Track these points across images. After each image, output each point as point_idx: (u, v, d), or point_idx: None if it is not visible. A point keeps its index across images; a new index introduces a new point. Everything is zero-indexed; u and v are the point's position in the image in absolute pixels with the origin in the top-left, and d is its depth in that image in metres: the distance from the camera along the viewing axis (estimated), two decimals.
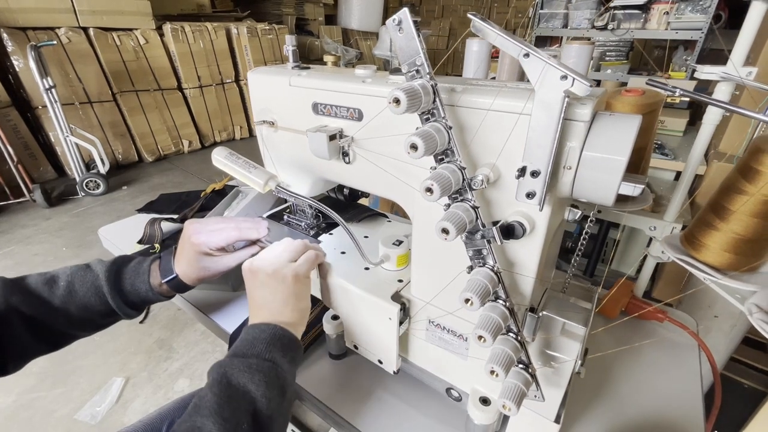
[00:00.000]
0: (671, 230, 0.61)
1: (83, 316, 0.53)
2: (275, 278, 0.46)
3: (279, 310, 0.46)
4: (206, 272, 0.57)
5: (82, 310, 0.53)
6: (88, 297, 0.53)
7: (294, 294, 0.47)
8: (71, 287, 0.53)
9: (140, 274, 0.56)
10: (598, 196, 0.31)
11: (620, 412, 0.53)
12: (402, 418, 0.53)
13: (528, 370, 0.37)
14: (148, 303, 0.58)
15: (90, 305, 0.53)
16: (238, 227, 0.57)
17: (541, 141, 0.29)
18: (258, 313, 0.46)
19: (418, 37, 0.30)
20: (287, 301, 0.46)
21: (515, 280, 0.38)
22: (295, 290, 0.47)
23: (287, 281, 0.47)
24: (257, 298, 0.47)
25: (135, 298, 0.56)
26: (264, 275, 0.47)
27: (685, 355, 0.63)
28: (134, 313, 0.57)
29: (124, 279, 0.56)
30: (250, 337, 0.43)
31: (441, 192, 0.30)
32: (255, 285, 0.47)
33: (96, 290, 0.54)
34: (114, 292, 0.54)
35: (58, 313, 0.51)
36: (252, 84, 0.52)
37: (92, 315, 0.54)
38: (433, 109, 0.32)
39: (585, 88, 0.26)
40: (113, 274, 0.55)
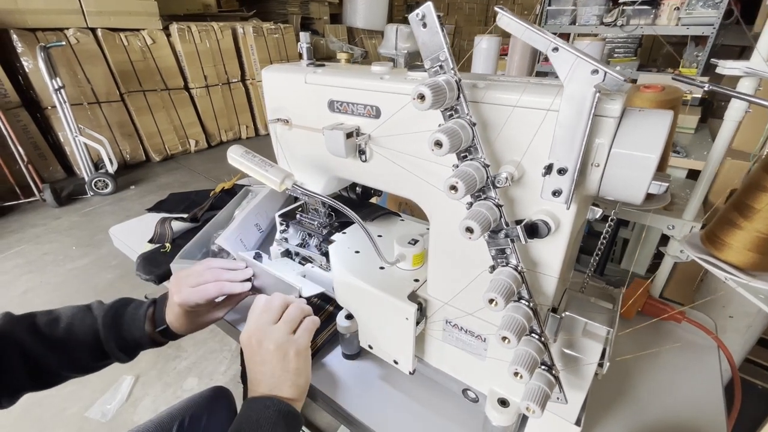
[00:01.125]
0: (690, 229, 0.60)
1: (77, 358, 0.54)
2: (277, 355, 0.46)
3: (280, 387, 0.46)
4: (195, 326, 0.59)
5: (78, 352, 0.54)
6: (85, 339, 0.54)
7: (296, 370, 0.46)
8: (71, 328, 0.54)
9: (136, 320, 0.57)
10: (627, 194, 0.31)
11: (640, 414, 0.52)
12: (417, 419, 0.52)
13: (551, 372, 0.36)
14: (141, 349, 0.58)
15: (85, 347, 0.54)
16: (219, 283, 0.57)
17: (570, 137, 0.29)
18: (258, 387, 0.46)
19: (442, 32, 0.30)
20: (289, 378, 0.46)
21: (537, 280, 0.37)
22: (297, 366, 0.47)
23: (289, 357, 0.46)
24: (256, 373, 0.46)
25: (127, 344, 0.56)
26: (265, 352, 0.46)
27: (704, 356, 0.62)
28: (126, 358, 0.57)
29: (121, 324, 0.56)
30: (254, 414, 0.43)
31: (466, 190, 0.30)
32: (255, 360, 0.47)
33: (93, 333, 0.55)
34: (110, 336, 0.54)
35: (53, 353, 0.52)
36: (266, 82, 0.51)
37: (86, 357, 0.55)
38: (457, 106, 0.31)
39: (619, 82, 0.25)
40: (110, 319, 0.56)
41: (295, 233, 0.67)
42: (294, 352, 0.47)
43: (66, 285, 1.98)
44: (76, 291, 1.95)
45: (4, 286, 1.97)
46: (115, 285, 1.99)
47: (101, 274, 2.07)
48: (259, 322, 0.48)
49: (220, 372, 1.56)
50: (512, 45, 1.54)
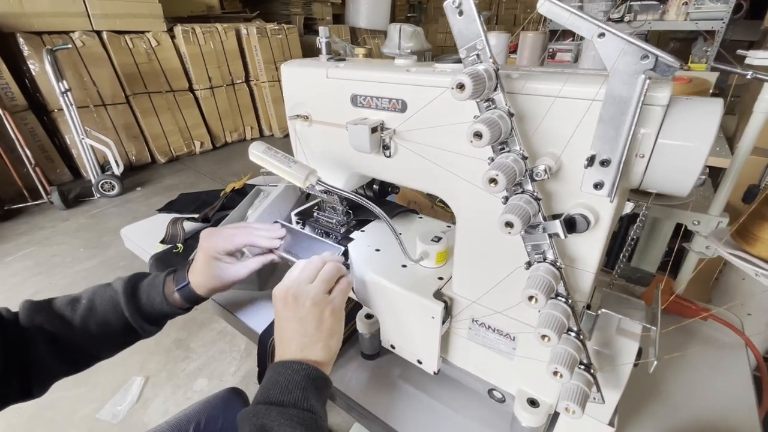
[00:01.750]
0: (717, 224, 0.59)
1: (103, 333, 0.53)
2: (312, 313, 0.44)
3: (312, 347, 0.44)
4: (217, 281, 0.57)
5: (102, 327, 0.53)
6: (107, 313, 0.53)
7: (329, 331, 0.45)
8: (92, 304, 0.54)
9: (155, 286, 0.56)
10: (673, 186, 0.29)
11: (672, 414, 0.51)
12: (441, 420, 0.51)
13: (590, 371, 0.35)
14: (165, 317, 0.57)
15: (109, 321, 0.53)
16: (250, 232, 0.57)
17: (615, 127, 0.28)
18: (288, 347, 0.44)
19: (480, 20, 0.28)
20: (321, 338, 0.44)
21: (573, 277, 0.36)
22: (331, 326, 0.45)
23: (324, 316, 0.44)
24: (288, 330, 0.44)
25: (150, 311, 0.55)
26: (301, 308, 0.44)
27: (732, 354, 0.60)
28: (151, 329, 0.57)
29: (140, 292, 0.56)
30: (283, 379, 0.41)
31: (506, 183, 0.28)
32: (288, 316, 0.45)
33: (114, 305, 0.54)
34: (130, 305, 0.54)
35: (79, 332, 0.51)
36: (285, 78, 0.51)
37: (112, 332, 0.54)
38: (494, 96, 0.30)
39: (674, 66, 0.24)
40: (130, 288, 0.55)
41: (312, 232, 0.66)
42: (329, 312, 0.45)
43: (75, 286, 1.98)
44: None
45: (14, 288, 1.97)
46: None
47: (109, 275, 2.07)
48: (298, 279, 0.46)
49: (230, 373, 1.55)
50: (522, 41, 1.53)
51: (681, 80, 0.52)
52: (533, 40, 1.36)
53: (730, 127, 1.79)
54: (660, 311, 0.36)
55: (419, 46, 5.11)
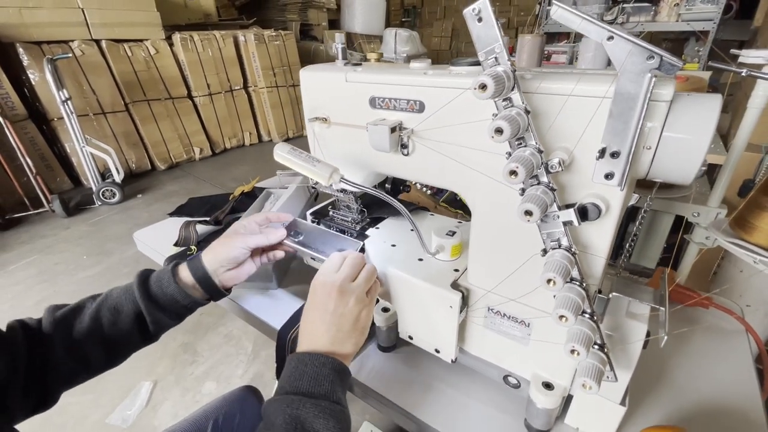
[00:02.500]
0: (716, 215, 0.62)
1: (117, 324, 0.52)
2: (353, 311, 0.45)
3: (344, 342, 0.45)
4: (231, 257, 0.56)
5: (115, 314, 0.52)
6: (121, 300, 0.53)
7: (362, 329, 0.46)
8: (108, 294, 0.54)
9: (165, 271, 0.56)
10: (677, 175, 0.32)
11: (679, 397, 0.53)
12: (458, 407, 0.53)
13: (603, 350, 0.37)
14: (179, 305, 0.56)
15: (122, 309, 0.53)
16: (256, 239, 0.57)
17: (623, 122, 0.30)
18: (319, 339, 0.45)
19: (497, 26, 0.31)
20: (354, 334, 0.45)
21: (586, 262, 0.39)
22: (364, 325, 0.47)
23: (362, 315, 0.46)
24: (324, 322, 0.45)
25: (163, 299, 0.54)
26: (345, 305, 0.45)
27: (734, 339, 0.63)
28: (165, 320, 0.55)
29: (151, 282, 0.56)
30: (311, 370, 0.42)
31: (525, 174, 0.31)
32: (328, 309, 0.45)
33: (128, 293, 0.54)
34: (143, 294, 0.54)
35: (94, 324, 0.51)
36: (304, 82, 0.53)
37: (125, 322, 0.53)
38: (511, 95, 0.33)
39: (677, 65, 0.27)
40: (142, 276, 0.56)
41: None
42: (366, 312, 0.47)
43: (79, 294, 1.97)
44: None
45: (18, 296, 1.98)
46: None
47: (114, 282, 2.08)
48: (343, 275, 0.47)
49: (237, 375, 1.56)
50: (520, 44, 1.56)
51: (679, 79, 0.55)
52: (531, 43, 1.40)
53: (723, 125, 1.83)
54: (668, 291, 0.39)
55: (415, 50, 5.15)
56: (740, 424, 0.50)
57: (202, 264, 0.56)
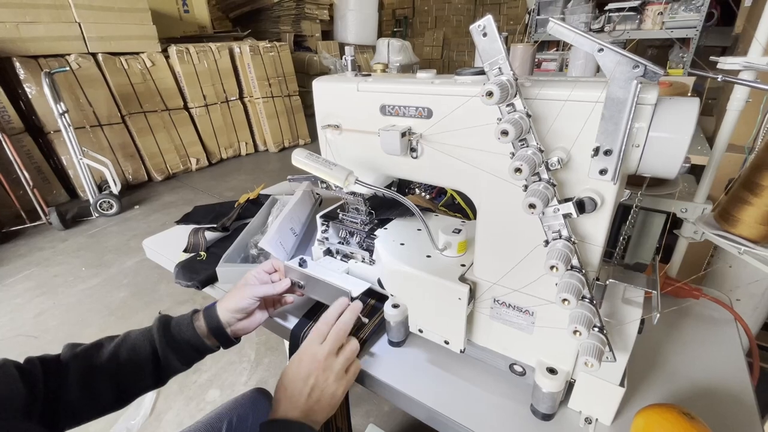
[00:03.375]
0: (702, 211, 0.66)
1: (132, 363, 0.55)
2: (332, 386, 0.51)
3: (316, 413, 0.50)
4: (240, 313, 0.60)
5: (131, 353, 0.55)
6: (139, 342, 0.56)
7: (335, 405, 0.52)
8: (126, 335, 0.57)
9: (184, 317, 0.60)
10: (664, 170, 0.36)
11: (673, 381, 0.57)
12: (466, 395, 0.56)
13: (603, 332, 0.41)
14: (193, 350, 0.59)
15: (139, 350, 0.55)
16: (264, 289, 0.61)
17: (615, 123, 0.34)
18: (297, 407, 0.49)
19: (501, 40, 0.35)
20: (328, 408, 0.51)
21: (584, 252, 0.42)
22: (338, 401, 0.52)
23: (338, 394, 0.52)
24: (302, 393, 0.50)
25: (180, 342, 0.57)
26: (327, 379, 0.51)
27: (723, 328, 0.67)
28: (178, 364, 0.58)
29: (172, 325, 0.58)
30: None
31: (528, 171, 0.35)
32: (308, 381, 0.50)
33: (146, 336, 0.57)
34: (161, 333, 0.56)
35: (112, 365, 0.53)
36: (317, 91, 0.57)
37: (141, 363, 0.55)
38: (514, 101, 0.37)
39: (659, 73, 0.30)
40: (162, 320, 0.59)
41: (335, 232, 0.71)
42: (342, 389, 0.52)
43: (79, 305, 1.99)
44: (89, 311, 1.96)
45: (17, 309, 1.97)
46: (128, 303, 2.00)
47: (113, 293, 2.08)
48: (325, 349, 0.52)
49: (241, 383, 1.57)
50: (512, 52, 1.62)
51: (663, 84, 0.60)
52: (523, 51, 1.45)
53: (709, 128, 1.90)
54: (659, 276, 0.42)
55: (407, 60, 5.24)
56: (732, 405, 0.54)
57: (216, 315, 0.59)
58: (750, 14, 1.83)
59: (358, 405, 1.43)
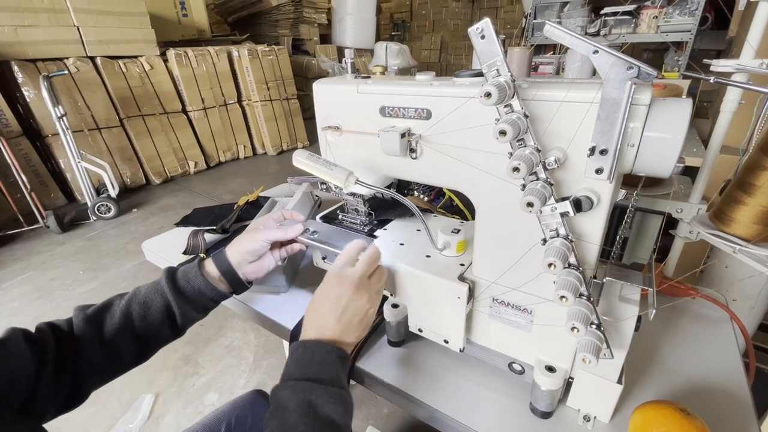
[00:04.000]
0: (697, 211, 0.67)
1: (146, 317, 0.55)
2: (365, 307, 0.49)
3: (349, 334, 0.48)
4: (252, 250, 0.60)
5: (144, 308, 0.55)
6: (150, 294, 0.56)
7: (366, 324, 0.50)
8: (137, 289, 0.57)
9: (191, 267, 0.59)
10: (658, 169, 0.37)
11: (670, 379, 0.57)
12: (467, 394, 0.56)
13: (600, 329, 0.41)
14: (206, 297, 0.58)
15: (151, 304, 0.55)
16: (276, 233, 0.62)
17: (610, 123, 0.35)
18: (329, 328, 0.48)
19: (498, 42, 0.36)
20: (359, 328, 0.49)
21: (582, 250, 0.43)
22: (369, 322, 0.51)
23: (369, 313, 0.50)
24: (334, 313, 0.48)
25: (191, 291, 0.57)
26: (358, 301, 0.48)
27: (720, 327, 0.68)
28: (192, 313, 0.58)
29: (178, 276, 0.59)
30: (319, 359, 0.45)
31: (526, 170, 0.35)
32: (340, 301, 0.48)
33: (157, 287, 0.57)
34: (172, 287, 0.56)
35: (127, 322, 0.54)
36: (317, 93, 0.57)
37: (157, 319, 0.55)
38: (511, 102, 0.37)
39: (652, 74, 0.31)
40: (170, 271, 0.59)
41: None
42: (373, 310, 0.51)
43: None
44: None
45: (15, 313, 1.96)
46: None
47: (111, 296, 2.08)
48: (360, 271, 0.50)
49: (239, 386, 1.57)
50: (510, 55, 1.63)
51: (658, 87, 0.61)
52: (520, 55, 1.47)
53: (704, 130, 1.92)
54: (654, 274, 0.43)
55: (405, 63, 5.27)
56: (728, 402, 0.54)
57: (226, 257, 0.60)
58: (743, 18, 1.85)
59: (357, 407, 1.43)
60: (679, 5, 2.21)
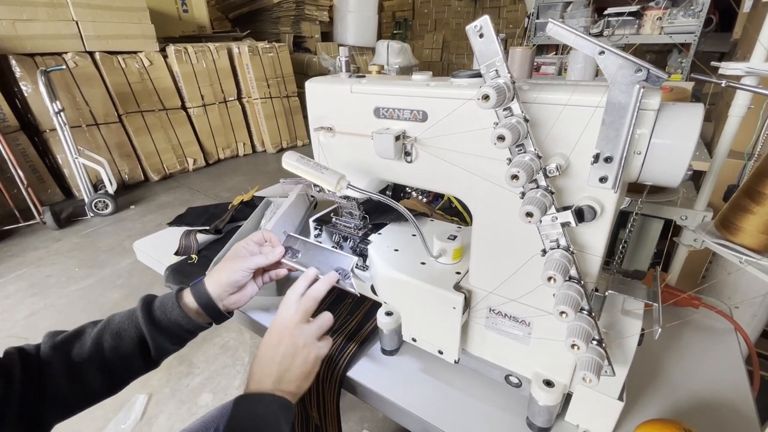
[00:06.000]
0: (702, 218, 0.64)
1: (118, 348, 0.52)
2: (302, 354, 0.49)
3: (288, 383, 0.48)
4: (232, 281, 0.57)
5: (117, 340, 0.53)
6: (123, 325, 0.53)
7: (308, 374, 0.50)
8: (110, 319, 0.55)
9: (169, 297, 0.57)
10: (666, 178, 0.34)
11: (673, 393, 0.55)
12: (462, 407, 0.54)
13: (601, 345, 0.39)
14: (182, 330, 0.56)
15: (124, 335, 0.53)
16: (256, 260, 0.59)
17: (615, 129, 0.33)
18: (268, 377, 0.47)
19: (498, 41, 0.34)
20: (299, 378, 0.49)
21: (583, 262, 0.41)
22: (311, 369, 0.50)
23: (309, 359, 0.49)
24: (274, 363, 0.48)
25: (167, 324, 0.55)
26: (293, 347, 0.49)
27: (723, 337, 0.66)
28: (167, 345, 0.55)
29: (155, 304, 0.56)
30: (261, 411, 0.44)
31: (526, 178, 0.33)
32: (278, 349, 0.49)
33: (131, 318, 0.54)
34: (146, 316, 0.54)
35: (95, 351, 0.51)
36: (309, 93, 0.55)
37: (127, 348, 0.53)
38: (511, 105, 0.35)
39: (662, 77, 0.29)
40: (146, 302, 0.56)
41: (329, 237, 0.70)
42: (314, 357, 0.50)
43: (71, 306, 1.97)
44: (82, 311, 1.93)
45: (8, 310, 1.94)
46: (121, 304, 1.98)
47: (106, 294, 2.06)
48: (294, 318, 0.50)
49: (234, 387, 1.55)
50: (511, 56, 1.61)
51: (664, 89, 0.58)
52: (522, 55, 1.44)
53: (707, 133, 1.90)
54: (660, 288, 0.41)
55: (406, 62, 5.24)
56: (732, 417, 0.52)
57: (205, 289, 0.57)
58: (749, 20, 1.82)
59: (352, 410, 1.41)
60: (684, 6, 2.18)
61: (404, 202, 1.03)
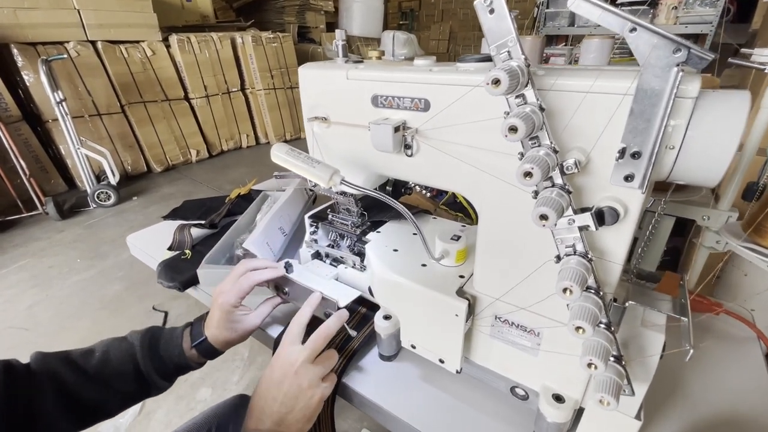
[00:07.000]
0: (726, 219, 0.60)
1: (115, 386, 0.52)
2: (307, 393, 0.46)
3: (289, 424, 0.46)
4: (234, 333, 0.58)
5: (115, 378, 0.52)
6: (123, 367, 0.53)
7: (310, 416, 0.47)
8: (106, 356, 0.53)
9: (174, 338, 0.57)
10: (703, 177, 0.30)
11: (694, 408, 0.51)
12: (463, 419, 0.51)
13: (621, 363, 0.35)
14: (180, 370, 0.57)
15: (122, 373, 0.53)
16: (250, 276, 0.57)
17: (646, 120, 0.28)
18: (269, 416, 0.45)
19: (511, 17, 0.29)
20: (301, 421, 0.46)
21: (601, 269, 0.37)
22: (314, 412, 0.47)
23: (312, 402, 0.47)
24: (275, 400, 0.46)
25: (168, 364, 0.55)
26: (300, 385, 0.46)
27: (746, 347, 0.61)
28: (164, 384, 0.56)
29: (159, 346, 0.56)
30: None
31: (541, 176, 0.29)
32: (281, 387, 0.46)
33: (130, 358, 0.54)
34: (148, 358, 0.54)
35: (90, 383, 0.50)
36: (303, 80, 0.51)
37: (124, 385, 0.53)
38: (525, 92, 0.31)
39: (707, 57, 0.25)
40: (147, 341, 0.55)
41: (325, 234, 0.66)
42: (318, 399, 0.47)
43: (72, 298, 1.96)
44: (83, 303, 1.92)
45: (10, 300, 1.94)
46: (122, 296, 1.97)
47: (107, 285, 2.05)
48: (302, 355, 0.48)
49: (233, 382, 1.53)
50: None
51: None
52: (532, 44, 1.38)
53: None
54: (689, 301, 0.37)
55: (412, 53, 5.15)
56: None
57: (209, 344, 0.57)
58: None
59: (351, 408, 1.38)
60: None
61: (406, 198, 0.99)
